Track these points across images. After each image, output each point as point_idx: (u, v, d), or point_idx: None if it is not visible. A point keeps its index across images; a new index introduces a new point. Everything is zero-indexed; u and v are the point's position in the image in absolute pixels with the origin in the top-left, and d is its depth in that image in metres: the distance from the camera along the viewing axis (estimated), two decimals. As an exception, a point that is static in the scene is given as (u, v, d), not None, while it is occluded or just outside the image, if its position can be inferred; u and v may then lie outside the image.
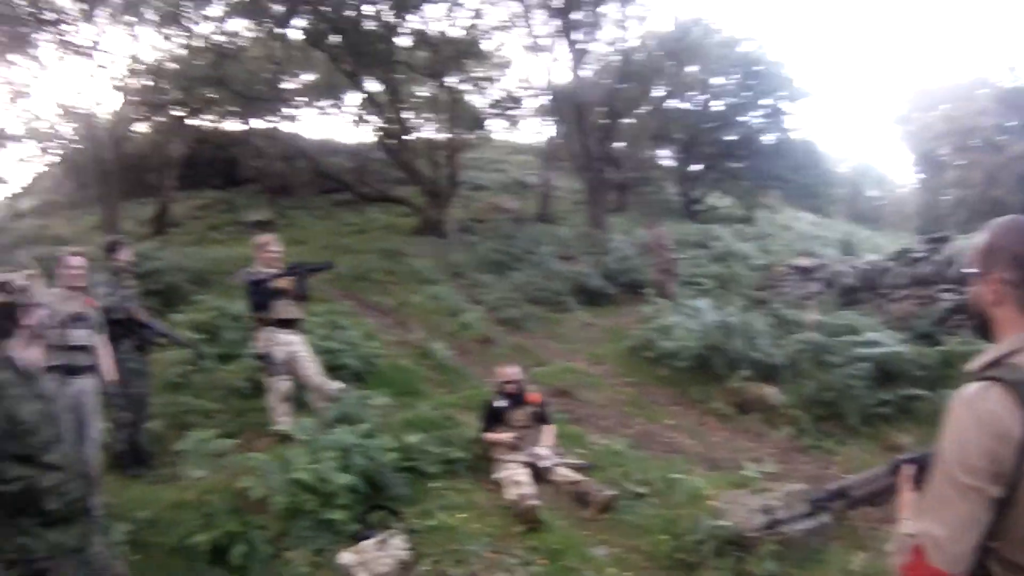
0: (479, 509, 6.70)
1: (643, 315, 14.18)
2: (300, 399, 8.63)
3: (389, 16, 22.79)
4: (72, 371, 6.32)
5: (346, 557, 5.55)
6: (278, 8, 20.81)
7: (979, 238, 2.04)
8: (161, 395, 9.36)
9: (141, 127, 28.10)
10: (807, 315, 11.90)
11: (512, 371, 7.80)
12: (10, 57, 29.43)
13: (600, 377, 11.78)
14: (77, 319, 6.43)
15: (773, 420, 9.53)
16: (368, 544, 5.68)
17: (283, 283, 8.07)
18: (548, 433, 7.68)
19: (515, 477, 6.85)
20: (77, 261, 6.79)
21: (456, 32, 25.43)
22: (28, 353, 3.77)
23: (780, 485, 6.31)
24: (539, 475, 7.12)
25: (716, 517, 5.76)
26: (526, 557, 5.74)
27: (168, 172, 27.40)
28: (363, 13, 21.74)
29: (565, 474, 7.06)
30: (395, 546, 5.65)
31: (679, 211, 32.26)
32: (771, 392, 9.98)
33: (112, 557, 4.02)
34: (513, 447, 7.31)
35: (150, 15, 21.99)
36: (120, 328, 7.50)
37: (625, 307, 16.42)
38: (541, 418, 7.78)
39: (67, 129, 33.44)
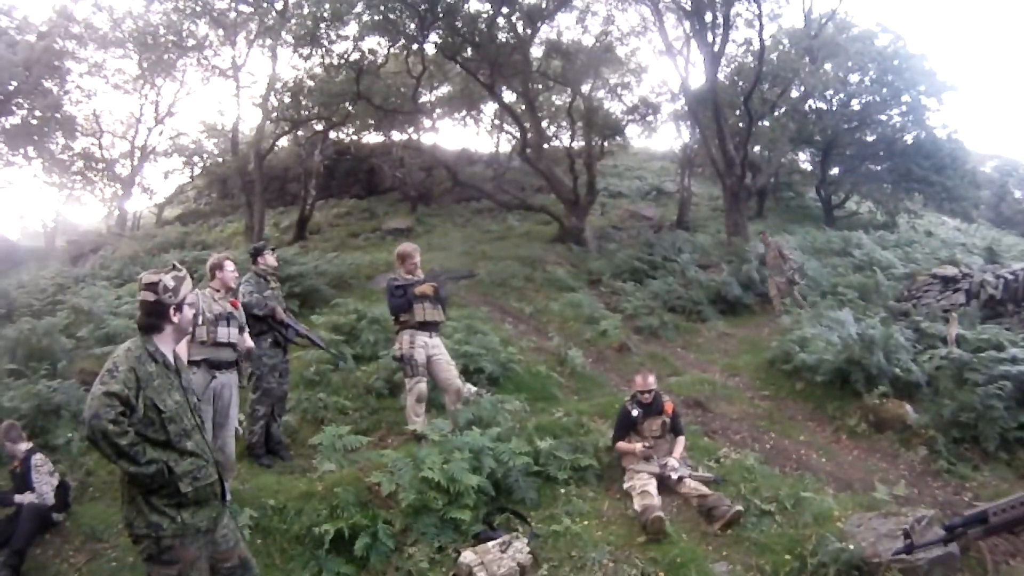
0: (604, 517, 6.77)
1: (782, 326, 13.96)
2: (435, 400, 8.94)
3: (522, 27, 23.04)
4: (216, 365, 6.79)
5: (467, 556, 5.69)
6: (412, 25, 21.25)
7: None
8: (299, 391, 9.88)
9: (282, 141, 29.19)
10: (948, 329, 11.46)
11: (648, 380, 7.74)
12: (156, 81, 31.30)
13: (735, 389, 11.54)
14: (224, 318, 6.88)
15: (908, 440, 9.10)
16: (490, 545, 5.80)
17: (425, 288, 8.35)
18: (679, 444, 7.65)
19: (644, 487, 6.85)
20: (233, 266, 7.26)
21: (588, 40, 25.54)
22: (175, 348, 4.12)
23: (911, 509, 6.07)
24: (667, 486, 7.11)
25: (842, 540, 5.63)
26: (645, 568, 5.75)
27: (309, 182, 28.43)
28: (496, 25, 22.01)
29: (693, 487, 7.00)
30: (517, 549, 5.74)
31: (819, 217, 31.38)
32: (908, 411, 9.54)
33: (237, 540, 4.25)
34: (645, 457, 7.32)
35: (287, 37, 22.84)
36: (261, 325, 7.97)
37: (763, 317, 16.10)
38: (674, 429, 7.75)
39: (210, 144, 35.44)
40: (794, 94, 27.80)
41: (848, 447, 9.37)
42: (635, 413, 7.62)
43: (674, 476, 7.11)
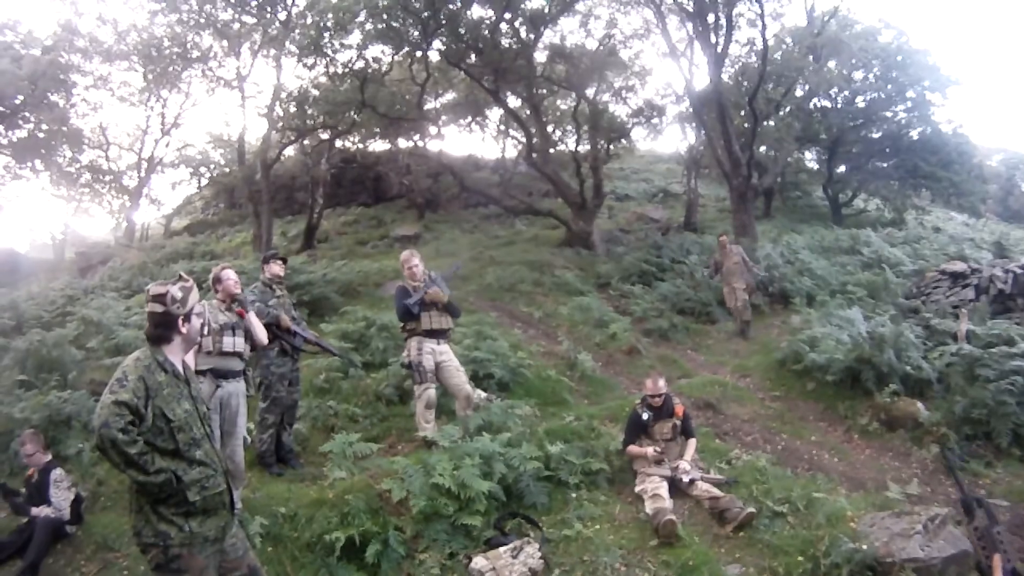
0: (616, 521, 6.75)
1: (791, 326, 13.89)
2: (445, 407, 8.95)
3: (525, 32, 23.04)
4: (223, 375, 6.77)
5: (479, 562, 5.68)
6: (415, 32, 21.28)
7: None
8: (309, 399, 9.88)
9: (289, 150, 29.24)
10: (959, 325, 11.42)
11: (659, 384, 7.74)
12: (162, 93, 31.41)
13: (746, 390, 11.52)
14: (229, 328, 6.88)
15: (920, 438, 9.05)
16: (502, 551, 5.79)
17: (433, 295, 8.35)
18: (691, 447, 7.64)
19: (655, 490, 6.84)
20: (232, 275, 7.24)
21: (592, 43, 25.51)
22: (183, 358, 4.11)
23: (924, 508, 6.01)
24: (679, 489, 7.10)
25: (855, 540, 5.60)
26: (658, 571, 5.74)
27: (316, 190, 28.51)
28: (500, 31, 22.03)
29: (705, 489, 6.98)
30: (528, 554, 5.73)
31: (826, 215, 31.30)
32: (920, 409, 9.48)
33: (247, 549, 4.23)
34: (656, 460, 7.31)
35: (291, 47, 22.88)
36: (267, 334, 7.96)
37: (773, 317, 16.01)
38: (685, 431, 7.76)
39: (216, 155, 35.57)
40: (799, 93, 27.78)
41: (860, 446, 9.34)
42: (646, 416, 7.62)
43: (686, 479, 7.11)
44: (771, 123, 27.72)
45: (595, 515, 6.75)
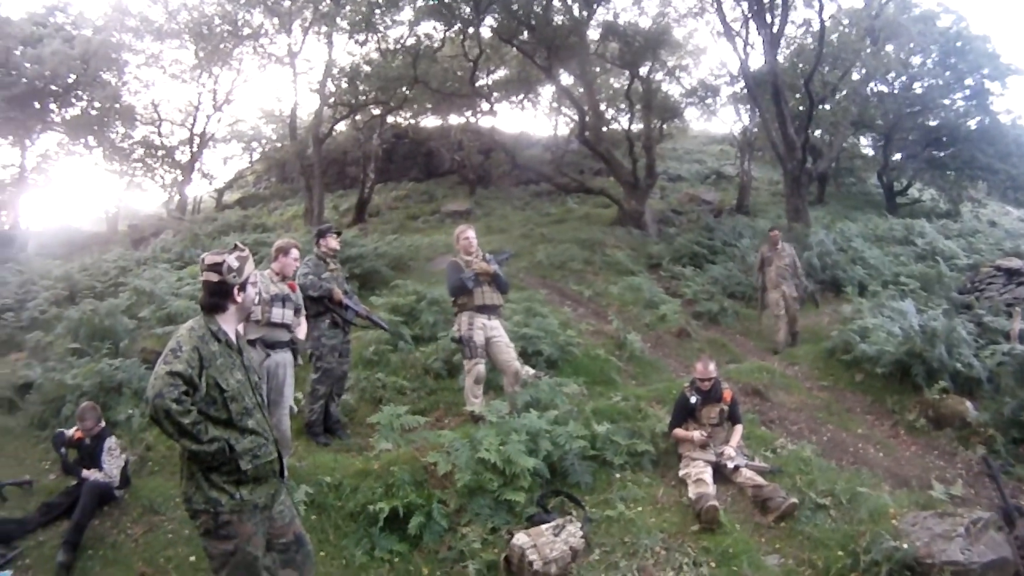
0: (658, 504, 6.75)
1: (842, 315, 13.70)
2: (493, 382, 9.02)
3: (578, 9, 22.90)
4: (272, 345, 6.93)
5: (520, 538, 5.69)
6: (467, 8, 21.23)
7: None
8: (358, 371, 10.05)
9: (341, 125, 29.51)
10: (1012, 324, 11.13)
11: (709, 367, 7.65)
12: (213, 70, 31.82)
13: (794, 378, 11.36)
14: (279, 299, 7.04)
15: (967, 438, 8.88)
16: (544, 528, 5.82)
17: (483, 266, 8.41)
18: (737, 433, 7.56)
19: (699, 475, 6.81)
20: (297, 253, 7.45)
21: (645, 21, 25.30)
22: (236, 327, 4.17)
23: (967, 510, 5.90)
24: (723, 475, 7.07)
25: (897, 538, 5.51)
26: (697, 557, 5.71)
27: (368, 165, 28.67)
28: (553, 8, 21.90)
29: (749, 476, 6.92)
30: (570, 532, 5.75)
31: (880, 203, 30.75)
32: (968, 408, 9.27)
33: (293, 516, 4.31)
34: (702, 445, 7.28)
35: (342, 23, 22.95)
36: (318, 307, 8.13)
37: (824, 305, 15.75)
38: (732, 417, 7.69)
39: (268, 130, 35.96)
40: (855, 76, 27.24)
41: (906, 442, 9.19)
42: (693, 400, 7.57)
43: (730, 465, 7.06)
44: (827, 107, 27.27)
45: (638, 497, 6.76)
